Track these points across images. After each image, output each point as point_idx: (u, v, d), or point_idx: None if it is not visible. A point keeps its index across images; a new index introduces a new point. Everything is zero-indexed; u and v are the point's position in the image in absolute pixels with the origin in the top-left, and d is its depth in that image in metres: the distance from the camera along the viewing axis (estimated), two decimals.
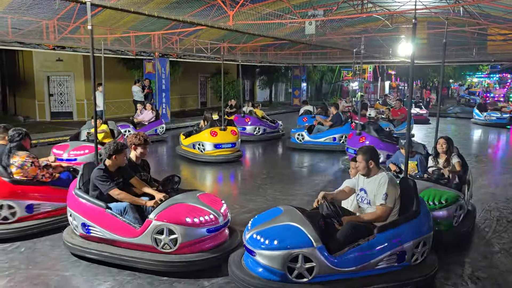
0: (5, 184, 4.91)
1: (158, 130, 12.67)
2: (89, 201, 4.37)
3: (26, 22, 10.55)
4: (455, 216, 4.79)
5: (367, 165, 3.89)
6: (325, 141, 11.03)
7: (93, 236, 4.36)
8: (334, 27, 13.88)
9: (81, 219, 4.39)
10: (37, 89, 17.91)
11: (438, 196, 4.76)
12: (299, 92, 25.84)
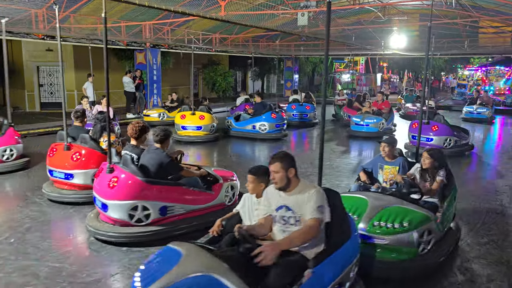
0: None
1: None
2: (169, 184, 4.78)
3: (15, 11, 10.35)
4: (422, 243, 3.94)
5: (286, 175, 3.00)
6: (246, 129, 11.86)
7: (168, 217, 4.73)
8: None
9: (159, 205, 4.63)
10: (26, 80, 17.68)
11: (400, 217, 3.91)
12: (291, 84, 25.79)
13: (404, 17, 14.35)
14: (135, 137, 5.02)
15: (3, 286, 3.70)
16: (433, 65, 31.10)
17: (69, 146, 6.12)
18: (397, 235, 3.83)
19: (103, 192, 4.63)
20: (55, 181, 6.15)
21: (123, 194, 4.51)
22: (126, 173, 4.61)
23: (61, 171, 6.01)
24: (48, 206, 5.85)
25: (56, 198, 5.92)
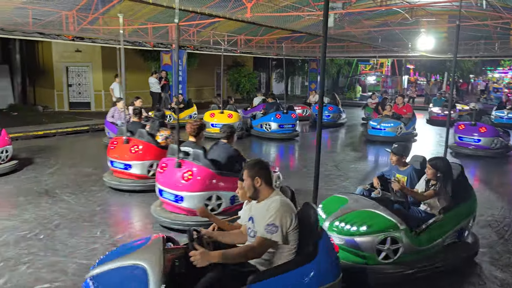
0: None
1: None
2: (237, 176, 5.10)
3: (47, 13, 10.65)
4: (383, 250, 3.79)
5: (252, 184, 2.87)
6: (257, 128, 12.56)
7: (235, 205, 5.14)
8: (352, 20, 13.68)
9: (229, 194, 5.08)
10: (56, 80, 18.15)
11: (363, 221, 3.83)
12: (316, 86, 25.63)
13: (432, 19, 14.05)
14: (193, 135, 5.52)
15: (33, 281, 3.80)
16: (461, 67, 30.34)
17: (128, 140, 6.76)
18: (354, 237, 3.77)
19: (175, 185, 5.00)
20: (115, 170, 6.79)
21: (199, 186, 4.94)
22: (200, 166, 5.03)
23: (121, 161, 6.64)
24: (76, 204, 5.99)
25: (116, 186, 6.58)
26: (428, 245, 4.01)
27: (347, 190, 6.60)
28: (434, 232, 4.05)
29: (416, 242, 3.91)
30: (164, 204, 5.30)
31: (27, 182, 7.09)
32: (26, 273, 3.93)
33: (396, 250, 3.83)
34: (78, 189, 6.73)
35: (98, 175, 7.64)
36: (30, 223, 5.19)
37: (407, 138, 11.34)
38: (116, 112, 10.44)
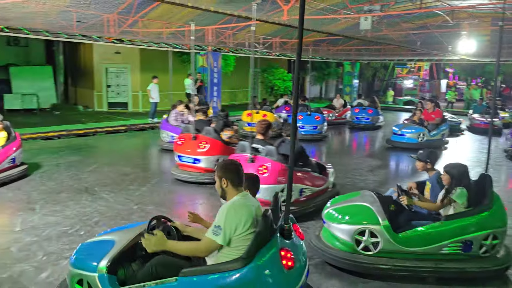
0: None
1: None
2: (304, 170, 5.80)
3: (90, 16, 11.03)
4: (362, 241, 4.06)
5: (220, 184, 2.96)
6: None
7: (302, 197, 5.72)
8: (390, 22, 13.41)
9: (299, 187, 5.64)
10: (96, 80, 18.78)
11: (352, 212, 4.23)
12: (350, 89, 25.30)
13: (474, 21, 13.57)
14: (262, 133, 6.10)
15: None
16: (504, 72, 29.16)
17: (196, 137, 7.41)
18: (337, 225, 4.23)
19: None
20: (182, 165, 7.48)
21: (273, 179, 5.47)
22: (273, 161, 5.57)
23: (189, 156, 7.33)
24: (115, 202, 6.16)
25: (185, 179, 7.26)
26: (416, 247, 4.07)
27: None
28: (426, 237, 4.07)
29: (398, 241, 4.05)
30: None
31: (68, 179, 7.36)
32: (67, 268, 4.07)
33: (374, 244, 4.08)
34: (117, 187, 6.92)
35: (136, 174, 7.85)
36: (71, 219, 5.38)
37: (433, 145, 10.74)
38: (179, 115, 10.63)
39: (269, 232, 2.77)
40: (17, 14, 9.99)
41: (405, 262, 4.07)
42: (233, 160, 3.10)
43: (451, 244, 4.06)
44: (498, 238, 4.13)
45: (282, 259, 2.70)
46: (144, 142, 12.18)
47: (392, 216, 4.20)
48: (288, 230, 2.87)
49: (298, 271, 2.79)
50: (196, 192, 6.95)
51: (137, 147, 11.42)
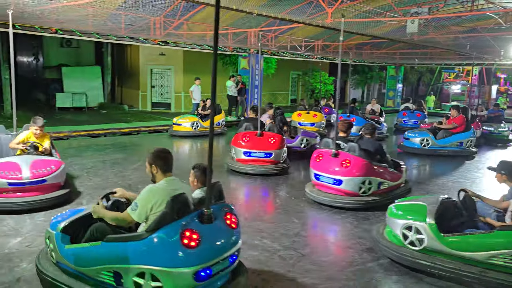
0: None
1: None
2: (382, 165, 6.40)
3: (137, 19, 11.41)
4: (407, 237, 4.31)
5: (150, 170, 3.40)
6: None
7: (380, 190, 6.28)
8: (438, 25, 12.96)
9: (378, 180, 6.21)
10: (141, 81, 19.39)
11: (409, 209, 4.55)
12: (394, 93, 24.66)
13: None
14: (344, 131, 6.99)
15: None
16: None
17: (262, 133, 7.70)
18: (392, 218, 4.57)
19: (335, 171, 6.18)
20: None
21: (356, 172, 6.05)
22: (356, 157, 6.13)
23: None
24: None
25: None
26: (463, 251, 4.02)
27: None
28: (475, 243, 3.98)
29: (444, 242, 4.09)
30: (319, 187, 6.43)
31: (113, 176, 7.63)
32: None
33: (422, 241, 4.19)
34: None
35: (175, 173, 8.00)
36: None
37: (443, 152, 10.68)
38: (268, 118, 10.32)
39: (182, 213, 3.13)
40: (70, 17, 10.48)
41: (448, 264, 4.06)
42: (163, 149, 3.49)
43: (502, 255, 3.85)
44: None
45: (184, 238, 2.98)
46: (185, 142, 12.41)
47: (445, 219, 4.29)
48: (207, 215, 3.14)
49: (206, 252, 3.07)
50: (232, 194, 7.00)
51: (178, 146, 11.66)
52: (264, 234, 5.14)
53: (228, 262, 3.26)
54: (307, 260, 4.47)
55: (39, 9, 9.24)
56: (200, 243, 3.03)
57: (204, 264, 3.04)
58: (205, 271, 3.06)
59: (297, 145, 9.97)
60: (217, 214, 3.29)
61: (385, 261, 4.51)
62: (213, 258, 3.11)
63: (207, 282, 3.10)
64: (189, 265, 2.98)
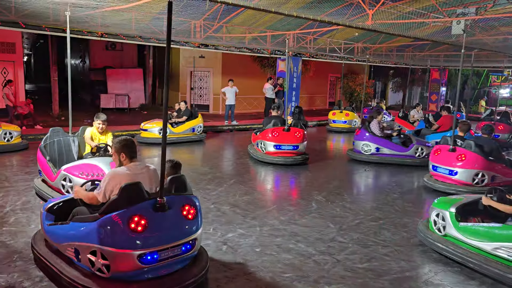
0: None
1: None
2: (498, 162, 7.40)
3: (178, 22, 11.65)
4: (436, 222, 4.85)
5: (118, 158, 3.76)
6: None
7: (493, 182, 7.18)
8: (486, 26, 12.41)
9: (491, 174, 7.18)
10: (181, 83, 19.77)
11: (442, 200, 5.11)
12: (437, 97, 23.83)
13: None
14: (463, 131, 8.12)
15: None
16: None
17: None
18: (432, 207, 5.06)
19: (451, 163, 7.31)
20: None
21: (470, 165, 7.15)
22: (470, 152, 7.21)
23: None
24: None
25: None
26: (472, 239, 4.36)
27: None
28: (484, 233, 4.27)
29: (458, 228, 4.53)
30: (436, 176, 7.61)
31: None
32: None
33: (445, 227, 4.70)
34: (195, 186, 7.19)
35: (213, 174, 8.11)
36: None
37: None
38: (380, 125, 10.09)
39: (136, 200, 3.38)
40: (114, 21, 10.85)
41: (458, 249, 4.47)
42: (127, 138, 3.84)
43: (506, 248, 4.06)
44: None
45: (131, 223, 3.24)
46: (222, 143, 12.53)
47: (468, 210, 4.72)
48: (161, 204, 3.38)
49: (153, 238, 3.29)
50: (266, 197, 6.99)
51: (215, 148, 11.79)
52: (299, 238, 5.09)
53: (180, 250, 3.48)
54: (342, 266, 4.39)
55: (86, 14, 9.63)
56: (147, 229, 3.27)
57: (150, 249, 3.27)
58: (152, 256, 3.29)
59: (411, 154, 9.64)
60: (175, 205, 3.51)
61: (423, 270, 4.35)
62: (161, 244, 3.33)
63: (156, 265, 3.34)
64: (134, 248, 3.23)
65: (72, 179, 5.64)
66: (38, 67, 28.55)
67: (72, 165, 5.83)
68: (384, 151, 9.70)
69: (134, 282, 3.34)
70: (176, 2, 9.41)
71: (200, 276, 3.63)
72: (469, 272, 4.35)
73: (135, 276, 3.32)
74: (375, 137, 9.82)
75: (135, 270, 3.27)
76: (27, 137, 10.34)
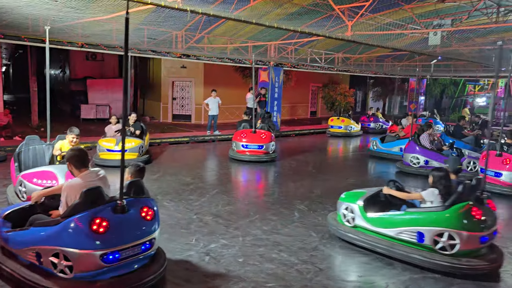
0: None
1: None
2: None
3: (160, 33, 11.65)
4: (345, 216, 5.45)
5: (70, 168, 3.92)
6: None
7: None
8: (462, 37, 12.78)
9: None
10: (162, 93, 19.70)
11: (351, 195, 5.53)
12: (416, 106, 24.28)
13: None
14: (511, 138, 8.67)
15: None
16: None
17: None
18: (339, 201, 5.70)
19: (497, 166, 8.14)
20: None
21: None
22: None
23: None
24: (175, 211, 6.34)
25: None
26: (379, 227, 4.93)
27: None
28: (389, 220, 4.87)
29: (367, 219, 5.06)
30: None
31: None
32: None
33: (354, 219, 5.22)
34: (178, 196, 7.15)
35: (195, 184, 8.08)
36: None
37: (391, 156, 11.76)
38: (429, 136, 10.05)
39: (96, 203, 3.59)
40: (95, 31, 10.78)
41: (368, 237, 5.00)
42: (79, 149, 4.02)
43: (407, 232, 4.68)
44: (455, 239, 4.40)
45: (93, 224, 3.44)
46: (205, 153, 12.50)
47: (372, 201, 5.22)
48: (120, 206, 3.60)
49: (114, 238, 3.50)
50: (249, 206, 7.00)
51: (198, 158, 11.74)
52: (282, 247, 5.10)
53: (140, 249, 3.71)
54: (324, 275, 4.41)
55: (66, 25, 9.55)
56: (109, 230, 3.48)
57: (111, 249, 3.48)
58: (114, 255, 3.49)
59: (463, 168, 9.48)
60: (134, 207, 3.75)
61: (408, 284, 4.41)
62: (122, 244, 3.55)
63: (118, 264, 3.54)
64: (96, 248, 3.42)
65: (26, 185, 5.75)
66: (17, 78, 28.07)
67: (29, 171, 5.96)
68: (433, 164, 9.47)
69: (96, 281, 3.52)
70: (157, 13, 9.43)
71: (159, 273, 3.85)
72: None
73: (97, 275, 3.50)
74: (425, 150, 9.80)
75: (97, 270, 3.45)
76: (5, 149, 10.14)
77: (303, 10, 9.93)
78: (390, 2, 10.30)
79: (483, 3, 9.99)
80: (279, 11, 9.70)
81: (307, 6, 9.69)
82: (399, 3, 10.32)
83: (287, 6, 9.50)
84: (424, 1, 10.24)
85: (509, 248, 5.33)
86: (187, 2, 7.14)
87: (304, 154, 12.55)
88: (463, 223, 4.40)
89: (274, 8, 9.24)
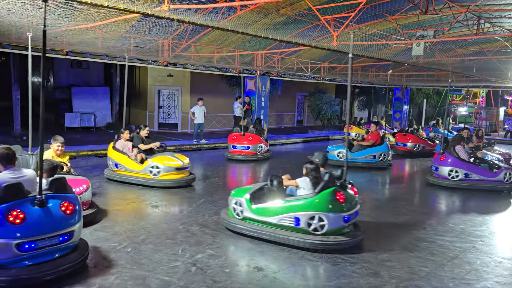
0: None
1: None
2: None
3: (146, 41, 11.62)
4: (235, 209, 5.89)
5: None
6: None
7: None
8: (444, 48, 13.06)
9: None
10: (149, 101, 19.59)
11: (241, 190, 6.05)
12: (400, 115, 24.65)
13: None
14: None
15: None
16: None
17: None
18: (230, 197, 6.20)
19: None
20: None
21: None
22: None
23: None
24: (161, 222, 6.28)
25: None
26: (264, 217, 5.50)
27: None
28: (271, 210, 5.46)
29: (252, 210, 5.61)
30: None
31: (120, 196, 7.62)
32: (114, 284, 4.19)
33: (242, 212, 5.72)
34: (163, 206, 7.07)
35: (182, 194, 8.00)
36: (119, 236, 5.54)
37: (357, 164, 11.56)
38: (464, 148, 9.70)
39: (16, 197, 3.89)
40: (80, 39, 10.70)
41: (254, 226, 5.54)
42: (8, 147, 4.36)
43: (286, 218, 5.31)
44: (324, 220, 5.15)
45: (10, 216, 3.78)
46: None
47: (258, 195, 5.78)
48: (40, 200, 3.96)
49: (30, 229, 3.85)
50: None
51: None
52: (268, 257, 5.07)
53: (58, 240, 4.06)
54: (312, 284, 4.40)
55: (50, 32, 9.45)
56: (25, 221, 3.83)
57: (27, 238, 3.83)
58: (29, 244, 3.84)
59: (500, 179, 9.23)
60: (54, 201, 4.11)
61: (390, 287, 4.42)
62: (38, 234, 3.89)
63: (34, 253, 3.88)
64: (12, 237, 3.77)
65: None
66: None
67: None
68: (473, 177, 9.23)
69: (11, 268, 3.83)
70: (144, 21, 9.41)
71: (78, 262, 4.22)
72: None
73: (14, 262, 3.82)
74: (463, 163, 9.34)
75: (13, 257, 3.79)
76: None
77: (290, 20, 10.04)
78: (374, 13, 10.48)
79: (464, 15, 10.23)
80: (265, 20, 9.79)
81: (293, 16, 9.79)
82: (383, 14, 10.51)
83: (273, 16, 9.59)
84: (408, 13, 10.44)
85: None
86: (173, 11, 7.15)
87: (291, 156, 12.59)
88: (329, 206, 5.16)
89: (261, 18, 9.32)
